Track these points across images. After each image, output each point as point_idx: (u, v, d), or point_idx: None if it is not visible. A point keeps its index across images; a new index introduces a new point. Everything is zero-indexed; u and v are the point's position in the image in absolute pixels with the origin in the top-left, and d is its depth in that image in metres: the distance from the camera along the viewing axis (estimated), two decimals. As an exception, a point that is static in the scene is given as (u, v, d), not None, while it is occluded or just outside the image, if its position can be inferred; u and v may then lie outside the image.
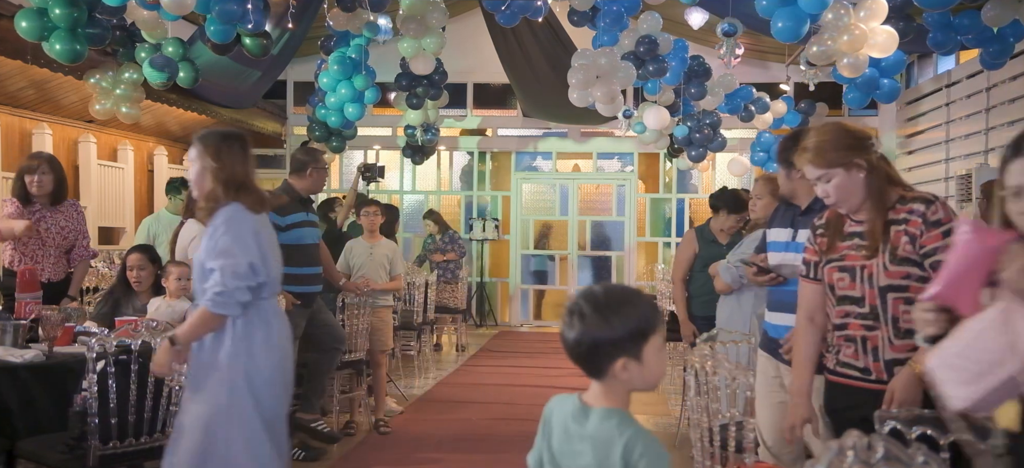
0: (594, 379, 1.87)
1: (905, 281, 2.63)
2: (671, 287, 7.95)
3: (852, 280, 2.71)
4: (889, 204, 2.69)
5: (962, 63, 9.75)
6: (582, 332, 1.82)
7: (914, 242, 2.63)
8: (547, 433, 1.94)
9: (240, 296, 3.13)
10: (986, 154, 9.03)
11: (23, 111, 8.46)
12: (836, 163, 2.68)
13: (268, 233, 3.35)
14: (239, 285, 3.12)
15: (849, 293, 2.72)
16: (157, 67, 7.23)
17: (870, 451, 1.67)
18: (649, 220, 13.08)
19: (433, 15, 8.92)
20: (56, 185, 5.21)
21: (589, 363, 1.86)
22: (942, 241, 2.59)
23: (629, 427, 1.84)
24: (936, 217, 2.62)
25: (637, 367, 1.84)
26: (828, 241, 2.80)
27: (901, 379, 2.57)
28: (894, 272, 2.64)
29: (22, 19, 6.04)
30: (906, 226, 2.64)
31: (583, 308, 1.83)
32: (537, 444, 1.96)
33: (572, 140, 12.74)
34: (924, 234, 2.62)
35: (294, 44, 9.64)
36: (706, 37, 9.72)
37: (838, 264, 2.75)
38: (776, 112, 10.81)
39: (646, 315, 1.84)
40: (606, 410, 1.86)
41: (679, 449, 5.67)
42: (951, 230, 2.60)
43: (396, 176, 13.03)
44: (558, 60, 9.84)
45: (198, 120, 10.33)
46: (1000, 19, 6.68)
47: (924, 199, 2.67)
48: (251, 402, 3.18)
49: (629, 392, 1.89)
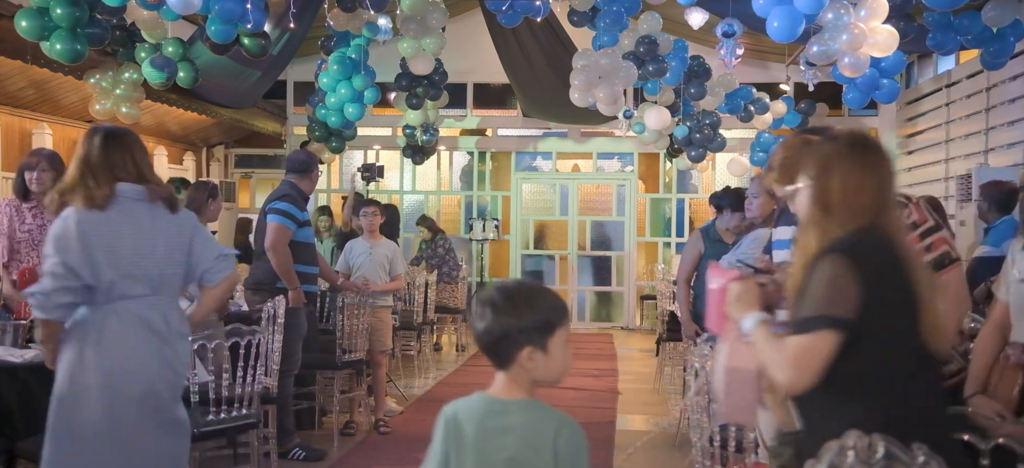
0: (501, 369, 1.98)
1: None
2: (672, 287, 7.96)
3: None
4: None
5: (962, 63, 9.75)
6: (493, 321, 1.94)
7: None
8: (455, 437, 1.98)
9: (58, 298, 3.00)
10: (986, 154, 9.02)
11: (23, 111, 8.46)
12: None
13: (111, 230, 3.09)
14: (57, 287, 2.99)
15: None
16: (157, 67, 7.23)
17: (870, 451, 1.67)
18: (649, 220, 13.08)
19: (433, 15, 8.92)
20: (55, 182, 5.19)
21: (498, 352, 1.97)
22: (920, 243, 2.57)
23: (554, 415, 1.99)
24: (911, 220, 2.59)
25: (542, 358, 1.96)
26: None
27: None
28: None
29: (22, 19, 6.03)
30: None
31: (496, 299, 1.95)
32: (438, 453, 1.99)
33: (572, 140, 12.73)
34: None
35: (294, 44, 9.64)
36: (706, 37, 9.72)
37: None
38: (776, 112, 10.81)
39: (554, 308, 1.98)
40: (526, 402, 1.98)
41: (679, 449, 5.67)
42: (927, 231, 2.59)
43: (396, 176, 13.02)
44: (558, 60, 9.83)
45: (198, 120, 10.33)
46: (1000, 19, 6.68)
47: (898, 203, 2.65)
48: (65, 414, 3.04)
49: (534, 383, 2.00)
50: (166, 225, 3.19)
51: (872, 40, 6.41)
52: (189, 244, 3.23)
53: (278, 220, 5.37)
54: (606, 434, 6.33)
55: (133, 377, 3.07)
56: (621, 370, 9.15)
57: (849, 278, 1.98)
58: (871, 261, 2.01)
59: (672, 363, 8.11)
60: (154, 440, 3.12)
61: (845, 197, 2.08)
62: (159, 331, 3.11)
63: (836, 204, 2.09)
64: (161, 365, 3.12)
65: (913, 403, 2.01)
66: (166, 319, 3.15)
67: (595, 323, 12.90)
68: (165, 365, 3.14)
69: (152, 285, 3.13)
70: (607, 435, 6.30)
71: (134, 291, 3.09)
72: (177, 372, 3.21)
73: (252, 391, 4.36)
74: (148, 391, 3.10)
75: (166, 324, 3.14)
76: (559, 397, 7.71)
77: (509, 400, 1.98)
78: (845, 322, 1.97)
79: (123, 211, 3.11)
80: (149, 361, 3.10)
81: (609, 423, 6.73)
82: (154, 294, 3.13)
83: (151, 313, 3.11)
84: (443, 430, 2.00)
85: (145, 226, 3.13)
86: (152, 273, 3.13)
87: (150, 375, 3.10)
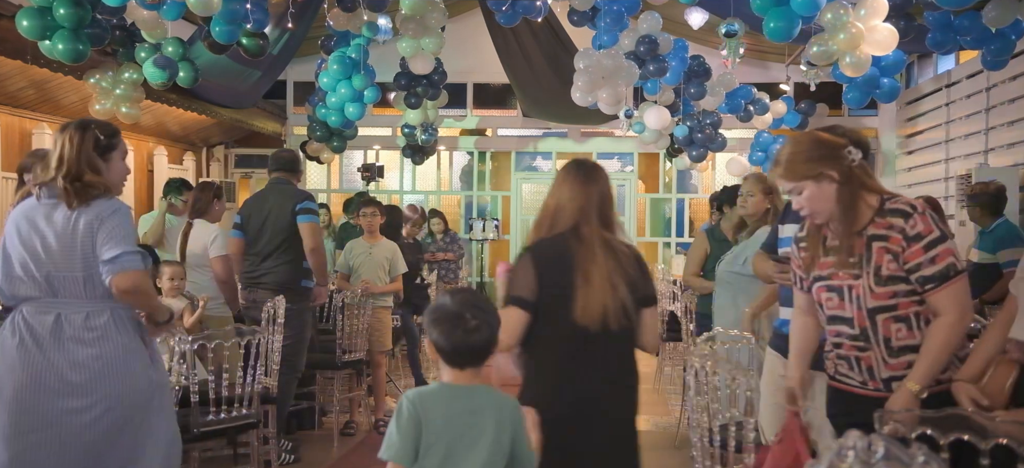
0: (476, 368, 2.29)
1: (893, 300, 2.59)
2: (672, 287, 7.96)
3: (841, 300, 2.67)
4: (864, 217, 2.63)
5: (962, 63, 9.75)
6: (490, 333, 2.27)
7: (897, 259, 2.58)
8: (422, 423, 2.20)
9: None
10: (986, 154, 9.02)
11: (23, 111, 8.46)
12: (805, 175, 2.63)
13: (27, 225, 2.98)
14: None
15: (838, 314, 2.69)
16: (158, 67, 7.23)
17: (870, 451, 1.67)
18: (649, 220, 13.08)
19: (432, 15, 8.91)
20: None
21: (486, 356, 2.30)
22: (924, 255, 2.55)
23: (506, 397, 2.33)
24: (916, 231, 2.56)
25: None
26: (809, 255, 2.77)
27: (899, 399, 2.54)
28: (880, 293, 2.59)
29: (24, 18, 6.03)
30: (887, 243, 2.59)
31: (478, 315, 2.25)
32: (404, 441, 2.19)
33: (572, 140, 12.74)
34: (906, 250, 2.57)
35: (294, 44, 9.64)
36: (706, 37, 9.72)
37: (826, 283, 2.71)
38: (776, 112, 10.81)
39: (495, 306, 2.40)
40: (485, 387, 2.30)
41: (679, 449, 5.67)
42: (932, 242, 2.57)
43: (396, 176, 13.02)
44: (558, 60, 9.83)
45: (198, 120, 10.32)
46: (1001, 20, 6.67)
47: (902, 212, 2.60)
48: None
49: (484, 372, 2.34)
50: (69, 222, 2.97)
51: (871, 39, 6.41)
52: (87, 241, 2.96)
53: (315, 220, 5.42)
54: None
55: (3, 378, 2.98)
56: (621, 370, 9.13)
57: (526, 265, 2.79)
58: (543, 252, 2.81)
59: (672, 363, 8.11)
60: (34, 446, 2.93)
61: (544, 212, 2.92)
62: (37, 335, 2.95)
63: (539, 218, 2.93)
64: (30, 369, 2.93)
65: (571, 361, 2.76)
66: (59, 323, 2.96)
67: (595, 323, 12.87)
68: (36, 368, 2.93)
69: (41, 287, 2.97)
70: (607, 435, 6.29)
71: (24, 293, 3.00)
72: (65, 380, 2.93)
73: (252, 391, 4.36)
74: (15, 395, 2.93)
75: (55, 329, 2.95)
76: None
77: (472, 387, 2.28)
78: (524, 300, 2.74)
79: (32, 209, 3.02)
80: (15, 365, 2.95)
81: (609, 423, 6.72)
82: (47, 297, 2.98)
83: (36, 317, 2.96)
84: (410, 423, 2.20)
85: (40, 224, 2.98)
86: (40, 274, 2.96)
87: (17, 378, 2.93)
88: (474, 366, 2.28)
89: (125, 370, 3.00)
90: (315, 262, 5.40)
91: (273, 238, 5.39)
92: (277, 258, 5.38)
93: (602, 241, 2.84)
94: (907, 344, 2.61)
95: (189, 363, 4.10)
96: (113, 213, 2.99)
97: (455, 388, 2.27)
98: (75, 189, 2.95)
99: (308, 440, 5.97)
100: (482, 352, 2.28)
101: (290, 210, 5.36)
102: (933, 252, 2.55)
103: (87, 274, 2.96)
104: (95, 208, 2.97)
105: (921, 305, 2.60)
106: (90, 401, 2.93)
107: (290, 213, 5.36)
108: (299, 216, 5.36)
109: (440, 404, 2.23)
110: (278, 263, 5.38)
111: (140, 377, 3.03)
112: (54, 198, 2.98)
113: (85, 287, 2.97)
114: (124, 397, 2.98)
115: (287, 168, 5.60)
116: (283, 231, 5.38)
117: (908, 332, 2.61)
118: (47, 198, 3.00)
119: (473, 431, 2.21)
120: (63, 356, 2.93)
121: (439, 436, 2.19)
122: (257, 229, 5.45)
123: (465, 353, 2.26)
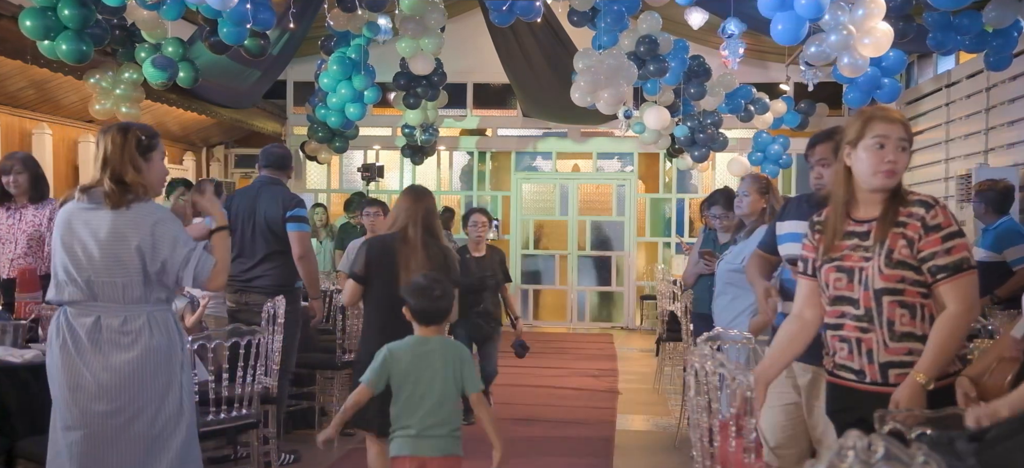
0: (438, 325, 3.37)
1: (900, 284, 2.62)
2: (672, 287, 7.95)
3: (850, 281, 2.70)
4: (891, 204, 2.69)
5: (962, 63, 9.75)
6: (449, 302, 3.40)
7: (912, 246, 2.61)
8: (391, 366, 3.27)
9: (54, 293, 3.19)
10: (986, 154, 9.03)
11: (23, 111, 8.46)
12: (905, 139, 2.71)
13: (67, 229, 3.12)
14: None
15: (845, 294, 2.71)
16: (158, 67, 7.23)
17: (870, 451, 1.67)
18: (649, 220, 13.08)
19: (432, 15, 8.91)
20: (31, 182, 5.16)
21: (446, 318, 3.41)
22: (941, 246, 2.58)
23: (454, 342, 3.49)
24: (936, 221, 2.60)
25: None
26: (827, 239, 2.79)
27: (905, 391, 2.56)
28: (889, 275, 2.63)
29: (27, 18, 6.03)
30: (904, 229, 2.63)
31: (441, 288, 3.36)
32: (375, 377, 3.26)
33: (572, 140, 12.73)
34: (922, 238, 2.60)
35: (294, 44, 9.64)
36: (706, 37, 9.72)
37: (837, 264, 2.74)
38: (776, 112, 10.81)
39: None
40: (439, 337, 3.37)
41: (679, 449, 5.67)
42: (950, 235, 2.60)
43: (396, 176, 13.02)
44: (558, 60, 9.83)
45: (198, 120, 10.32)
46: (1001, 21, 6.66)
47: (924, 202, 2.65)
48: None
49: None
50: (109, 227, 3.06)
51: (867, 40, 6.40)
52: (139, 246, 3.07)
53: (304, 229, 5.30)
54: (606, 434, 6.33)
55: (53, 380, 3.12)
56: (621, 370, 9.15)
57: (362, 252, 4.28)
58: (375, 245, 4.29)
59: (672, 363, 8.11)
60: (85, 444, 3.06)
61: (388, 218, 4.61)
62: (77, 337, 3.05)
63: (386, 221, 4.53)
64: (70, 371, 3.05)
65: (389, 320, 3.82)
66: (98, 326, 3.06)
67: (595, 323, 12.89)
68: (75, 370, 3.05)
69: (82, 291, 3.07)
70: (607, 435, 6.30)
71: (68, 296, 3.09)
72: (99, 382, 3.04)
73: (252, 391, 4.36)
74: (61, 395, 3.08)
75: (93, 332, 3.05)
76: (560, 397, 7.72)
77: (430, 337, 3.35)
78: (358, 276, 4.23)
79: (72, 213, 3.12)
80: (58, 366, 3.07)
81: (609, 423, 6.73)
82: (89, 301, 3.07)
83: (78, 319, 3.07)
84: (381, 364, 3.27)
85: (79, 230, 3.08)
86: (80, 278, 3.06)
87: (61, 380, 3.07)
88: (437, 324, 3.37)
89: (156, 375, 3.10)
90: (305, 271, 5.29)
91: (266, 243, 5.27)
92: (271, 261, 5.28)
93: (422, 242, 4.17)
94: (909, 331, 2.64)
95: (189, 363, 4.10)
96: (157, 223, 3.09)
97: (420, 338, 3.35)
98: (120, 189, 3.06)
99: (308, 440, 5.97)
100: (443, 315, 3.38)
101: (280, 216, 5.24)
102: (950, 244, 2.59)
103: (127, 280, 3.06)
104: (135, 214, 3.07)
105: (927, 297, 2.63)
106: (120, 404, 3.05)
107: (281, 219, 5.24)
108: (289, 224, 5.23)
109: (407, 351, 3.30)
110: (272, 266, 5.27)
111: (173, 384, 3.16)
112: (96, 202, 3.08)
113: (124, 292, 3.07)
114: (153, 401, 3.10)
115: (277, 166, 5.46)
116: (275, 236, 5.26)
117: (911, 320, 2.64)
118: (88, 203, 3.09)
119: (430, 367, 3.27)
120: (99, 359, 3.04)
121: (407, 372, 3.27)
122: (247, 233, 5.30)
123: (431, 314, 3.35)
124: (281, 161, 5.49)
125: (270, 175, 5.45)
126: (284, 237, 5.26)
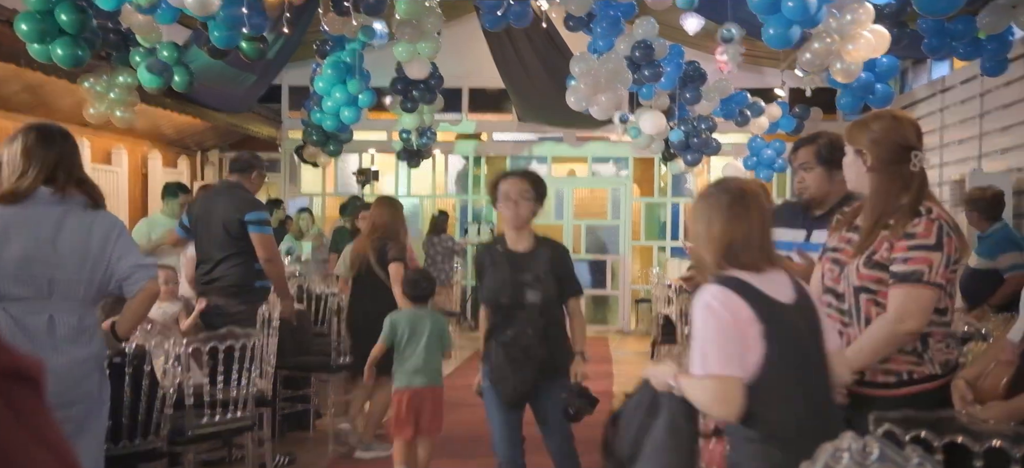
0: (424, 303, 4.95)
1: (876, 285, 2.65)
2: (667, 291, 7.97)
3: (838, 275, 2.75)
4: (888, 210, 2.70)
5: (957, 69, 9.78)
6: (432, 289, 5.02)
7: (890, 249, 2.63)
8: (397, 328, 4.83)
9: None
10: (980, 160, 9.05)
11: (16, 115, 8.43)
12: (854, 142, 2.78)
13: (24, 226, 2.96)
14: None
15: (834, 287, 2.76)
16: (154, 71, 7.22)
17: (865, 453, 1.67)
18: (644, 224, 13.09)
19: (428, 20, 8.91)
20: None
21: (429, 298, 4.99)
22: (904, 252, 2.58)
23: (436, 313, 5.04)
24: (913, 230, 2.60)
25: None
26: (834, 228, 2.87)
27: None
28: (866, 275, 2.66)
29: (23, 22, 6.02)
30: (890, 233, 2.65)
31: (426, 279, 5.05)
32: (387, 336, 4.84)
33: (567, 144, 12.74)
34: (896, 243, 2.62)
35: (289, 48, 9.62)
36: (701, 42, 9.74)
37: (834, 256, 2.79)
38: (771, 116, 10.82)
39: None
40: (427, 310, 4.94)
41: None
42: (919, 247, 2.58)
43: (391, 180, 13.02)
44: (554, 65, 9.84)
45: (192, 124, 10.31)
46: (995, 26, 6.68)
47: (917, 211, 2.66)
48: None
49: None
50: (75, 227, 2.99)
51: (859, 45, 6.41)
52: (101, 249, 3.02)
53: (265, 231, 5.29)
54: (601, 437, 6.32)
55: None
56: (616, 373, 9.15)
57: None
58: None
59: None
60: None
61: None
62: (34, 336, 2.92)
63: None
64: None
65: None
66: (52, 324, 2.96)
67: (590, 326, 12.84)
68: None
69: (39, 288, 2.95)
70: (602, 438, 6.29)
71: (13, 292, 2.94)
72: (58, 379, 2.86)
73: (247, 394, 4.35)
74: None
75: (49, 330, 2.95)
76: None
77: (421, 310, 4.92)
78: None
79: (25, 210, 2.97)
80: None
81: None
82: (40, 298, 2.96)
83: (29, 317, 2.94)
84: (389, 326, 4.86)
85: (44, 228, 2.96)
86: (41, 276, 2.95)
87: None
88: (423, 302, 4.94)
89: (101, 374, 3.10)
90: (272, 272, 5.27)
91: (223, 245, 5.24)
92: (228, 262, 5.24)
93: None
94: None
95: (184, 366, 4.10)
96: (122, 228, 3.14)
97: (414, 310, 4.93)
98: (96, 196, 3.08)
99: (303, 443, 5.96)
100: (427, 296, 4.97)
101: (237, 219, 5.21)
102: (912, 254, 2.58)
103: (90, 278, 3.01)
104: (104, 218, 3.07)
105: None
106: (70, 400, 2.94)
107: (237, 221, 5.20)
108: (250, 227, 5.20)
109: (405, 318, 4.87)
110: (230, 266, 5.23)
111: (104, 385, 3.13)
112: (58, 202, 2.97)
113: (85, 290, 3.01)
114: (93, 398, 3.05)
115: (239, 169, 5.47)
116: (231, 238, 5.22)
117: None
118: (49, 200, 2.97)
119: (421, 328, 4.82)
120: (57, 357, 2.93)
121: (404, 330, 4.80)
122: (206, 236, 5.30)
123: (420, 297, 4.94)
124: (245, 165, 5.50)
125: (232, 180, 5.48)
126: (241, 239, 5.21)
